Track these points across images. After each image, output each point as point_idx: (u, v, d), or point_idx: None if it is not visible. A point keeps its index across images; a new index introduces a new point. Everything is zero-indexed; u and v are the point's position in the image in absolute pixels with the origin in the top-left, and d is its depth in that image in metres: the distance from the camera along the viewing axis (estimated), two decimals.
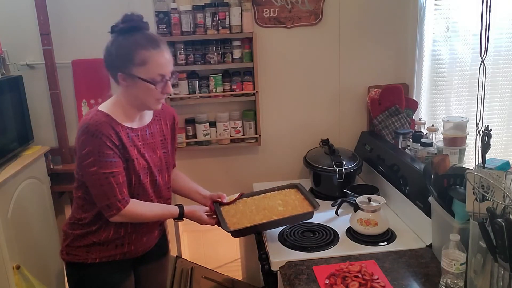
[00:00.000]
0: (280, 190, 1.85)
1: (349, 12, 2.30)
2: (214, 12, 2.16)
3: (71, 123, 2.32)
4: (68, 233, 1.55)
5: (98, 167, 1.37)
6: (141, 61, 1.38)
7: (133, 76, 1.40)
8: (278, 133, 2.43)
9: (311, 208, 1.68)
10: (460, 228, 1.35)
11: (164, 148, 1.59)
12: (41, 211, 2.21)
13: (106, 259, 1.52)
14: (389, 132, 2.27)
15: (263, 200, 1.77)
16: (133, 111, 1.48)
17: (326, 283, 1.39)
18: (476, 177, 1.22)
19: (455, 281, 1.27)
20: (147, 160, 1.50)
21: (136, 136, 1.48)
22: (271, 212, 1.67)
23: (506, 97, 2.41)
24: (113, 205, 1.40)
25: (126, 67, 1.40)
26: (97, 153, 1.37)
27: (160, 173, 1.56)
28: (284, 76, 2.35)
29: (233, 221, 1.62)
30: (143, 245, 1.59)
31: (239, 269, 2.70)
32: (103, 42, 2.21)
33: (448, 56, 2.33)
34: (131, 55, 1.38)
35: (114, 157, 1.40)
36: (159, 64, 1.40)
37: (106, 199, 1.40)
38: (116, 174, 1.40)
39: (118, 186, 1.40)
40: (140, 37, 1.40)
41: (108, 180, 1.38)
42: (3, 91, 2.03)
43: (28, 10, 2.15)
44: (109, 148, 1.38)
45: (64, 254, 1.55)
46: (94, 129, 1.37)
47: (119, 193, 1.40)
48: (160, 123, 1.59)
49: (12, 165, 2.01)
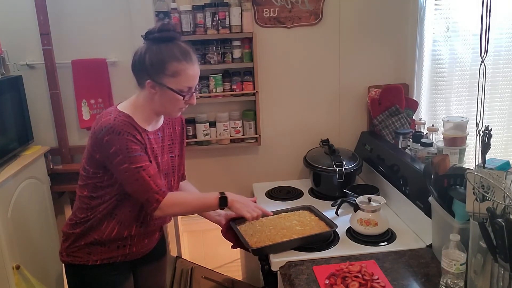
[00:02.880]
0: (293, 211, 1.84)
1: (349, 12, 2.30)
2: (214, 12, 2.16)
3: (71, 123, 2.32)
4: (69, 234, 1.53)
5: (128, 163, 1.37)
6: (173, 72, 1.40)
7: (162, 86, 1.41)
8: (278, 133, 2.43)
9: (329, 228, 1.69)
10: (460, 228, 1.35)
11: (171, 153, 1.59)
12: (41, 211, 2.21)
13: (107, 261, 1.52)
14: (389, 132, 2.27)
15: (279, 220, 1.76)
16: (152, 115, 1.49)
17: (326, 283, 1.39)
18: (476, 177, 1.22)
19: (455, 281, 1.27)
20: (158, 163, 1.50)
21: (150, 139, 1.49)
22: (290, 232, 1.67)
23: (506, 97, 2.40)
24: (151, 198, 1.40)
25: (157, 76, 1.40)
26: (125, 149, 1.37)
27: (166, 177, 1.56)
28: (284, 76, 2.35)
29: (254, 240, 1.61)
30: (144, 246, 1.58)
31: (239, 269, 2.70)
32: (103, 42, 2.25)
33: (448, 56, 2.33)
34: (164, 66, 1.40)
35: (142, 151, 1.41)
36: (189, 76, 1.43)
37: (143, 193, 1.40)
38: (146, 167, 1.39)
39: (151, 179, 1.39)
40: (174, 49, 1.41)
41: (140, 173, 1.38)
42: (3, 91, 2.03)
43: (28, 10, 2.15)
44: (135, 143, 1.39)
45: (64, 256, 1.54)
46: (120, 129, 1.37)
47: (154, 185, 1.40)
48: (170, 127, 1.60)
49: (12, 165, 2.01)
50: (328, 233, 1.69)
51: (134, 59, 1.45)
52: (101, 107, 2.27)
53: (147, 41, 1.43)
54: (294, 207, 1.88)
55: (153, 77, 1.41)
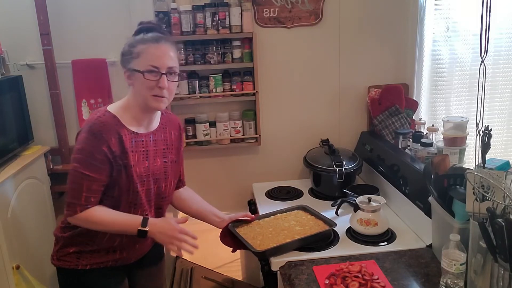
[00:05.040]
0: (288, 212, 1.84)
1: (349, 12, 2.30)
2: (214, 12, 2.16)
3: (71, 123, 2.32)
4: (59, 237, 1.51)
5: (80, 165, 1.36)
6: (137, 53, 1.40)
7: (131, 70, 1.41)
8: (278, 133, 2.43)
9: (328, 226, 1.69)
10: (460, 228, 1.35)
11: (165, 158, 1.54)
12: (41, 211, 2.20)
13: (97, 266, 1.49)
14: (389, 132, 2.27)
15: (277, 222, 1.76)
16: (140, 114, 1.47)
17: (326, 283, 1.39)
18: (476, 177, 1.22)
19: (455, 281, 1.27)
20: (147, 167, 1.47)
21: (141, 141, 1.46)
22: (291, 232, 1.67)
23: (506, 97, 2.41)
24: (72, 205, 1.38)
25: (127, 62, 1.42)
26: (88, 153, 1.36)
27: (156, 182, 1.51)
28: (284, 76, 2.35)
29: (257, 243, 1.60)
30: (136, 251, 1.55)
31: (239, 269, 2.69)
32: (103, 42, 2.25)
33: (448, 56, 2.33)
34: (131, 50, 1.41)
35: (103, 164, 1.37)
36: (152, 55, 1.40)
37: (70, 197, 1.38)
38: (93, 180, 1.37)
39: (87, 192, 1.37)
40: (145, 36, 1.42)
41: (82, 181, 1.36)
42: (3, 91, 2.03)
43: (28, 10, 2.15)
44: (102, 153, 1.36)
45: (55, 260, 1.52)
46: (97, 130, 1.37)
47: (84, 199, 1.37)
48: (165, 132, 1.56)
49: (12, 165, 2.01)
50: (329, 231, 1.69)
51: None
52: (101, 107, 2.27)
53: None
54: (288, 207, 1.88)
55: (126, 65, 1.42)
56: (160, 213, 1.58)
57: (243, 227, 1.71)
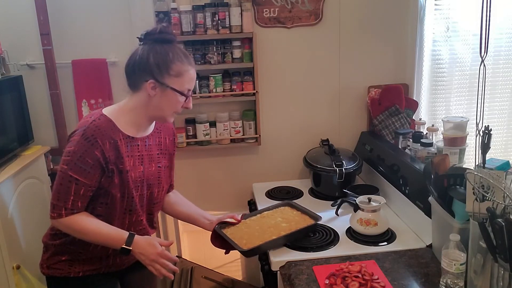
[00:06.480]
0: (274, 208, 1.86)
1: (349, 12, 2.30)
2: (214, 12, 2.16)
3: (71, 123, 2.32)
4: (49, 245, 1.48)
5: (69, 168, 1.33)
6: (177, 72, 1.39)
7: (165, 86, 1.39)
8: (278, 133, 2.43)
9: (313, 221, 1.72)
10: (460, 228, 1.35)
11: (159, 163, 1.53)
12: (41, 211, 2.20)
13: (90, 273, 1.47)
14: (389, 132, 2.27)
15: (263, 220, 1.77)
16: (143, 121, 1.45)
17: (326, 283, 1.39)
18: (476, 177, 1.22)
19: (455, 281, 1.27)
20: (142, 172, 1.45)
21: (136, 146, 1.44)
22: (277, 229, 1.68)
23: (506, 97, 2.40)
24: (57, 208, 1.34)
25: (161, 76, 1.38)
26: (78, 156, 1.33)
27: (150, 188, 1.50)
28: (284, 76, 2.35)
29: (243, 242, 1.61)
30: (129, 257, 1.50)
31: (239, 269, 2.69)
32: (103, 42, 2.25)
33: (448, 56, 2.33)
34: (169, 65, 1.38)
35: (92, 169, 1.34)
36: (190, 78, 1.43)
37: (56, 199, 1.35)
38: (81, 184, 1.34)
39: (74, 196, 1.34)
40: (177, 50, 1.41)
41: (70, 184, 1.33)
42: (3, 91, 2.03)
43: (28, 10, 2.15)
44: (94, 158, 1.34)
45: (45, 268, 1.49)
46: (90, 134, 1.34)
47: (71, 203, 1.34)
48: (160, 137, 1.55)
49: (12, 165, 2.01)
50: (311, 226, 1.71)
51: (132, 60, 1.41)
52: (101, 107, 2.26)
53: (148, 42, 1.41)
54: (274, 204, 1.89)
55: (157, 77, 1.38)
56: (151, 218, 1.57)
57: (230, 228, 1.72)
